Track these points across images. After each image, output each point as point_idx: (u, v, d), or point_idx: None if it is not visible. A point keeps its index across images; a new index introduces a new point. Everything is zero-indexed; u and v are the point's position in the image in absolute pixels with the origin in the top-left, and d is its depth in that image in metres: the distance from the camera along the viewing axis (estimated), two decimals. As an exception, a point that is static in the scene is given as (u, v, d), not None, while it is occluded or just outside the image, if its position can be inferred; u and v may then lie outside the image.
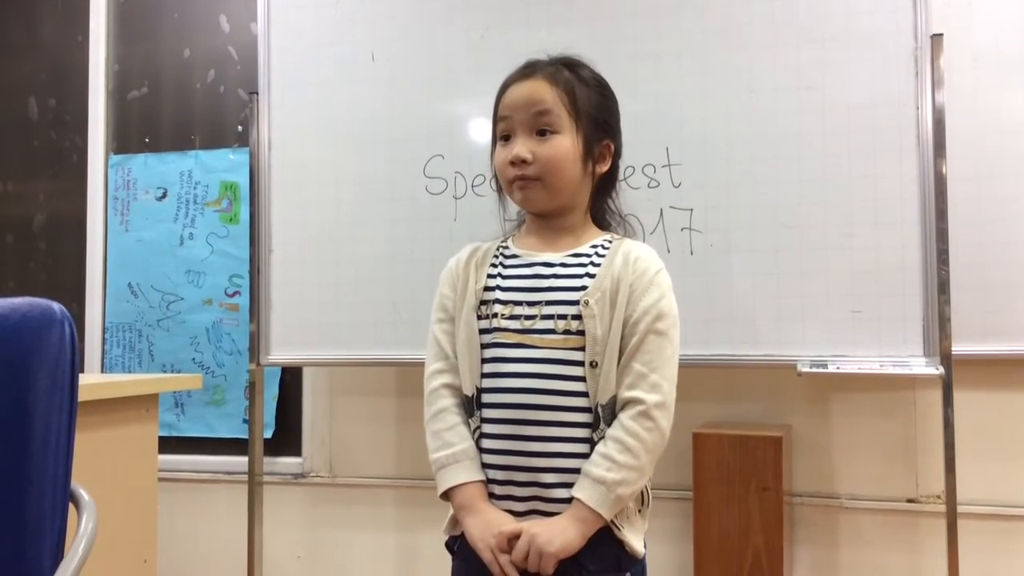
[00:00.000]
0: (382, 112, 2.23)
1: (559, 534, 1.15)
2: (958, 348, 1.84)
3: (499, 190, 1.37)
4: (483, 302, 1.27)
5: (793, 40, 1.96)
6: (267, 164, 2.31)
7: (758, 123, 1.97)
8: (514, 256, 1.31)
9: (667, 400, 1.20)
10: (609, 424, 1.19)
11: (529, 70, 1.29)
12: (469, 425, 1.25)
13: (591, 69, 1.33)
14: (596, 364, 1.20)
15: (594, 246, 1.29)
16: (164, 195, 2.73)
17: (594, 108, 1.29)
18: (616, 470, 1.15)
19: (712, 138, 2.00)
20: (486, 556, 1.17)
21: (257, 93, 2.33)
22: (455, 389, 1.28)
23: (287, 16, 2.32)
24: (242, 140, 2.66)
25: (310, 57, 2.30)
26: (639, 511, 1.24)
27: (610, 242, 1.30)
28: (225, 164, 2.68)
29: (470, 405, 1.26)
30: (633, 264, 1.25)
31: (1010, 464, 2.05)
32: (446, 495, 1.24)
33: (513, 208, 1.38)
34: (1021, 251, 1.94)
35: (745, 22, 1.99)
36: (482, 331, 1.25)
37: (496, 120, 1.31)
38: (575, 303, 1.21)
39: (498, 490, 1.22)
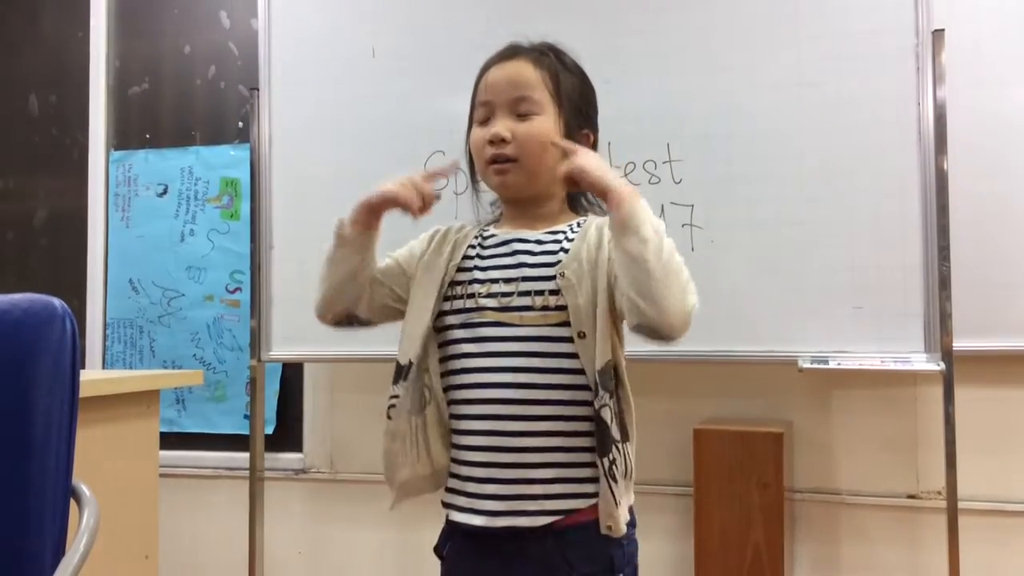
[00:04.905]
0: (383, 107, 2.23)
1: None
2: (959, 344, 1.84)
3: (472, 178, 1.32)
4: (458, 283, 1.23)
5: (794, 36, 1.95)
6: (268, 160, 2.31)
7: (759, 119, 1.97)
8: (492, 236, 1.27)
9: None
10: (608, 390, 1.10)
11: (511, 52, 1.26)
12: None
13: (572, 58, 1.30)
14: (584, 335, 1.13)
15: (570, 224, 1.25)
16: (165, 191, 2.73)
17: (576, 95, 1.26)
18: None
19: (713, 134, 1.99)
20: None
21: (258, 89, 2.33)
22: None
23: (287, 12, 2.32)
24: (243, 136, 2.65)
25: (311, 53, 2.30)
26: (624, 482, 1.14)
27: (585, 219, 1.25)
28: (226, 160, 2.68)
29: (398, 374, 1.20)
30: (607, 228, 1.17)
31: (1011, 460, 2.05)
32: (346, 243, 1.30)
33: (486, 200, 1.34)
34: (1022, 247, 1.94)
35: (747, 18, 1.98)
36: (459, 311, 1.21)
37: (474, 104, 1.27)
38: (551, 278, 1.16)
39: (480, 473, 1.15)
